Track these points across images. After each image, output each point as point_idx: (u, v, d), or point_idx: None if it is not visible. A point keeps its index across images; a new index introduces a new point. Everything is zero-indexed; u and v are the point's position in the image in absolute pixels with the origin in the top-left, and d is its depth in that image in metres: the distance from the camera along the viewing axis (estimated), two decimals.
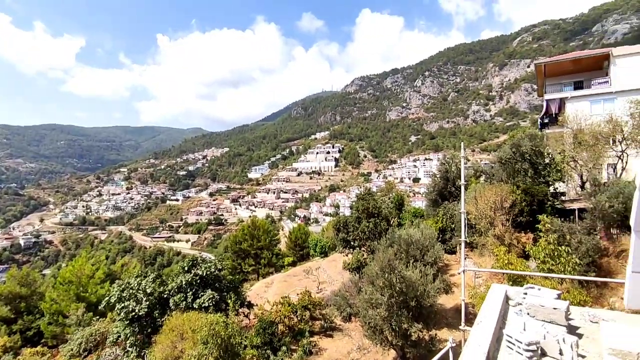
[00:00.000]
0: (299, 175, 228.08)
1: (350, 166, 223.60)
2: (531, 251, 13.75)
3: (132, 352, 14.92)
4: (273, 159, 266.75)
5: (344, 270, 22.62)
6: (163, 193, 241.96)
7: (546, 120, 28.22)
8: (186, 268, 16.86)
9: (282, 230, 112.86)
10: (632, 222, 3.68)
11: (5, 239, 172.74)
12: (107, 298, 16.85)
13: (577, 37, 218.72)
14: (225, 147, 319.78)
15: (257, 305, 19.20)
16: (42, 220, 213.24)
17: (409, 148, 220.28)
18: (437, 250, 15.31)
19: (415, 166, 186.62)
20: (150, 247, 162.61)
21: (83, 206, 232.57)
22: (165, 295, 16.49)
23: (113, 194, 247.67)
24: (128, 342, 15.22)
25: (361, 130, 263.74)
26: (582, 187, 19.13)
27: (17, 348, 20.84)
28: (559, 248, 12.45)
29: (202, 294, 15.98)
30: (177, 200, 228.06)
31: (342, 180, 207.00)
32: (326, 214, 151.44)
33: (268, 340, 14.97)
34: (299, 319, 17.03)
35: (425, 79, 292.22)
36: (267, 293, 25.57)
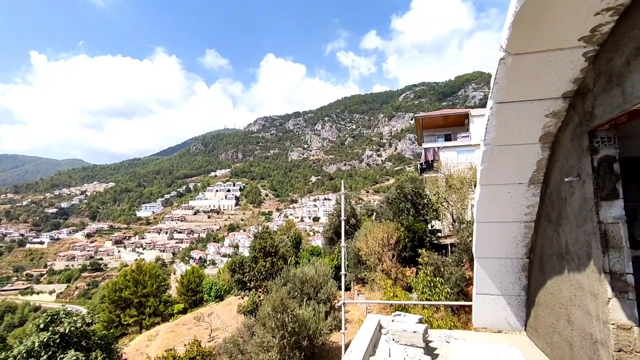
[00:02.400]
0: (196, 213, 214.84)
1: (252, 205, 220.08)
2: (413, 283, 15.05)
3: None
4: (167, 196, 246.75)
5: (239, 314, 21.45)
6: (22, 235, 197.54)
7: (424, 166, 32.31)
8: (42, 325, 13.87)
9: (174, 274, 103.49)
10: (473, 250, 4.27)
11: None
12: None
13: (447, 98, 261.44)
14: (110, 182, 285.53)
15: None
16: None
17: (309, 188, 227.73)
18: (330, 287, 15.62)
19: (315, 205, 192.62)
20: None
21: None
22: None
23: None
24: None
25: (263, 169, 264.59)
26: (453, 224, 22.02)
27: None
28: (434, 279, 13.90)
29: (61, 356, 13.25)
30: (41, 243, 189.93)
31: (242, 219, 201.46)
32: (224, 255, 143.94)
33: None
34: None
35: (325, 123, 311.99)
36: (149, 347, 22.63)
